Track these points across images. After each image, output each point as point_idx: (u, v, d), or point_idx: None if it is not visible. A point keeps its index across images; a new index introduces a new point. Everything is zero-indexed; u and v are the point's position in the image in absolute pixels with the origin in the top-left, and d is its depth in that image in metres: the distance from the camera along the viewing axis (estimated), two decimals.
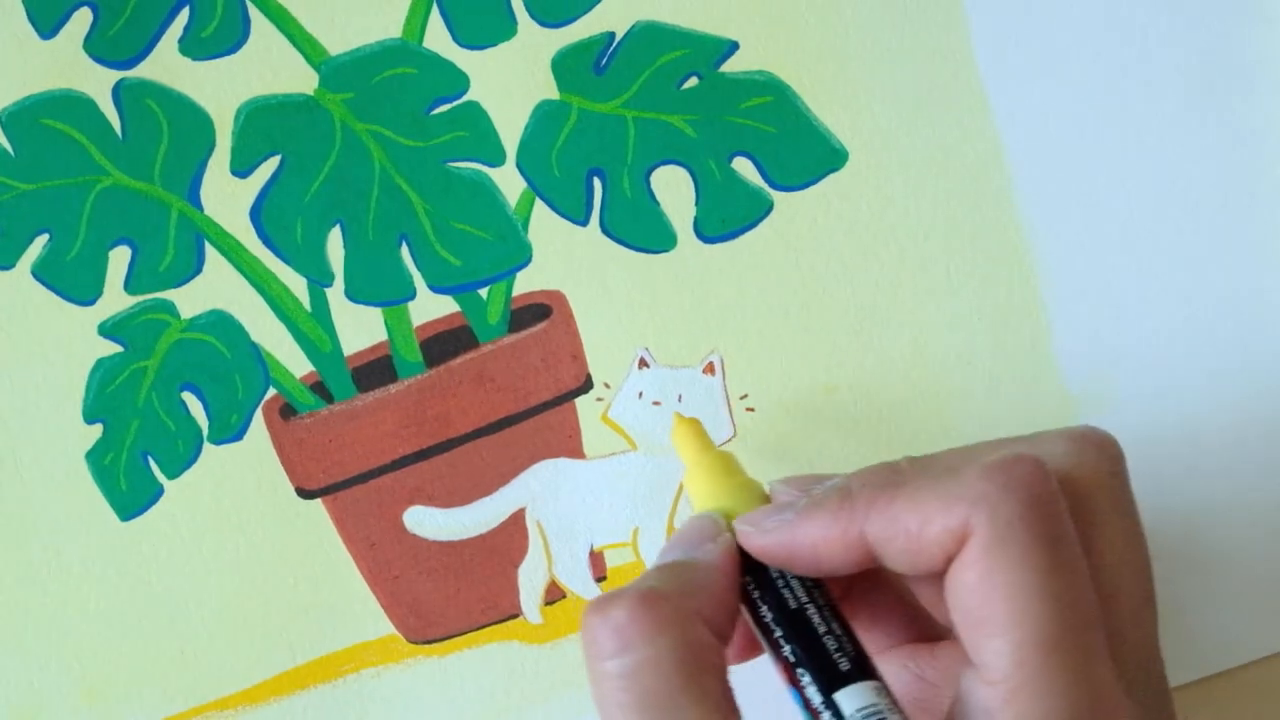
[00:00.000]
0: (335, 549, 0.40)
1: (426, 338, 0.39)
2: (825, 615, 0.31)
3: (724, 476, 0.35)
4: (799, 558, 0.31)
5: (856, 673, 0.30)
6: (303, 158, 0.38)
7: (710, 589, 0.31)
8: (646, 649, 0.29)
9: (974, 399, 0.40)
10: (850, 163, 0.39)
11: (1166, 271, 0.40)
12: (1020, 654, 0.28)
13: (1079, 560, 0.29)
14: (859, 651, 0.31)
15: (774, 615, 0.31)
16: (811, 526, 0.31)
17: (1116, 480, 0.32)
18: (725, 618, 0.31)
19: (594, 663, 0.29)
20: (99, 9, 0.38)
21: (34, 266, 0.38)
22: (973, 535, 0.29)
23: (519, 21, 0.39)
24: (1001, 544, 0.29)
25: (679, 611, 0.29)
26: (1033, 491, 0.29)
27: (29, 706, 0.39)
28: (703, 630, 0.30)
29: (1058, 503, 0.29)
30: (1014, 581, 0.28)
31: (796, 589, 0.31)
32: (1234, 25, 0.40)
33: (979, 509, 0.29)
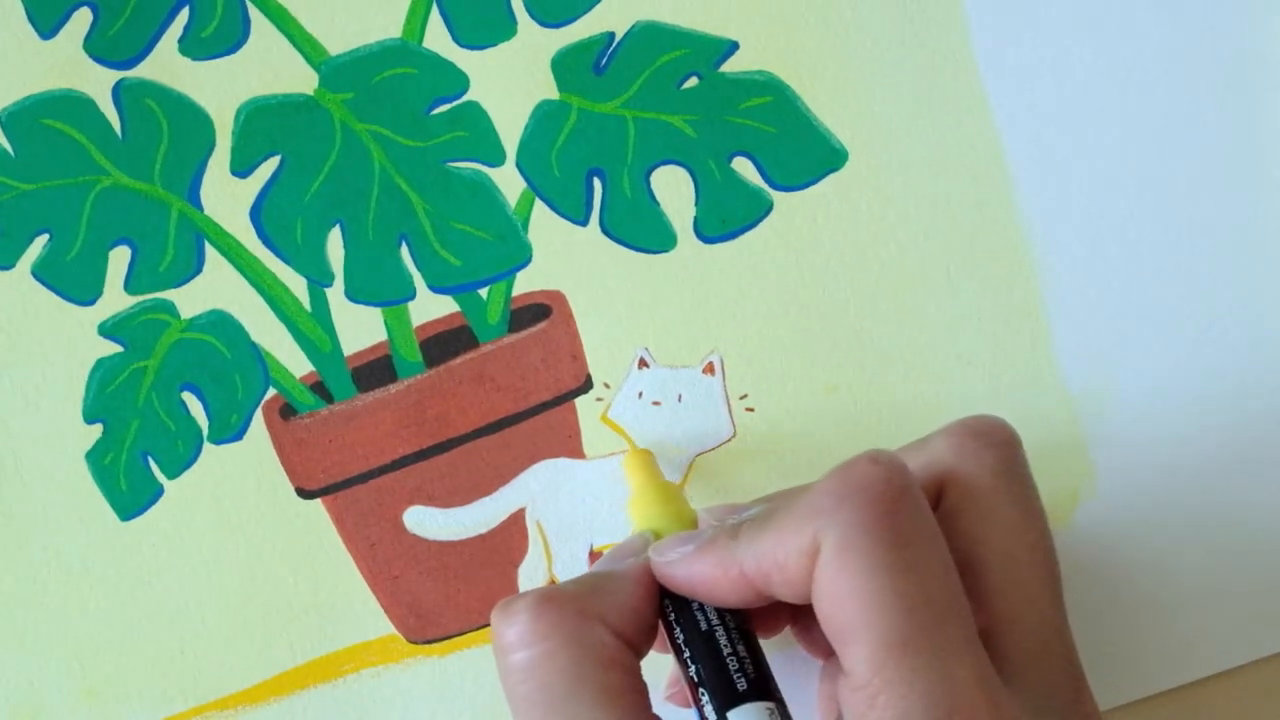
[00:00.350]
0: (335, 549, 0.40)
1: (426, 338, 0.39)
2: (733, 638, 0.32)
3: (662, 503, 0.36)
4: (697, 590, 0.32)
5: (752, 693, 0.31)
6: (303, 158, 0.38)
7: (618, 596, 0.32)
8: (543, 644, 0.31)
9: (974, 399, 0.40)
10: (850, 163, 0.39)
11: (1166, 271, 0.40)
12: (875, 659, 0.28)
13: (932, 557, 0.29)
14: (760, 674, 0.32)
15: (684, 636, 0.32)
16: (700, 565, 0.32)
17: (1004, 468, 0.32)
18: (633, 625, 0.32)
19: (499, 657, 0.31)
20: (99, 9, 0.38)
21: (34, 266, 0.38)
22: (821, 549, 0.29)
23: (519, 21, 0.39)
24: (845, 552, 0.29)
25: (578, 613, 0.31)
26: (870, 494, 0.29)
27: (29, 706, 0.39)
28: (602, 632, 0.31)
29: (901, 501, 0.30)
30: (861, 586, 0.29)
31: (709, 611, 0.33)
32: (1234, 25, 0.40)
33: (822, 521, 0.29)
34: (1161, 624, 0.40)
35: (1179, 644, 0.40)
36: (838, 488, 0.30)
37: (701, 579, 0.32)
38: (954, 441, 0.33)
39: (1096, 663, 0.40)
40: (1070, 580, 0.40)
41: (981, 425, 0.33)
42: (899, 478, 0.30)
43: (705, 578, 0.32)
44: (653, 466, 0.39)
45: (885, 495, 0.30)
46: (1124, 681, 0.40)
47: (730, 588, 0.32)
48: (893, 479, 0.30)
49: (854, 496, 0.29)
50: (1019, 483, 0.32)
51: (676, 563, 0.33)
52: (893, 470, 0.30)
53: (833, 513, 0.29)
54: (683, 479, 0.40)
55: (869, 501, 0.29)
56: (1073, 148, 0.40)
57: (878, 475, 0.30)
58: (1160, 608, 0.40)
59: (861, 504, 0.29)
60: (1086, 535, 0.40)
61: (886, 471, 0.30)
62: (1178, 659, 0.40)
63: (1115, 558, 0.40)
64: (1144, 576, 0.40)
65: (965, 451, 0.32)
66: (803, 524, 0.30)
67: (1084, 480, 0.40)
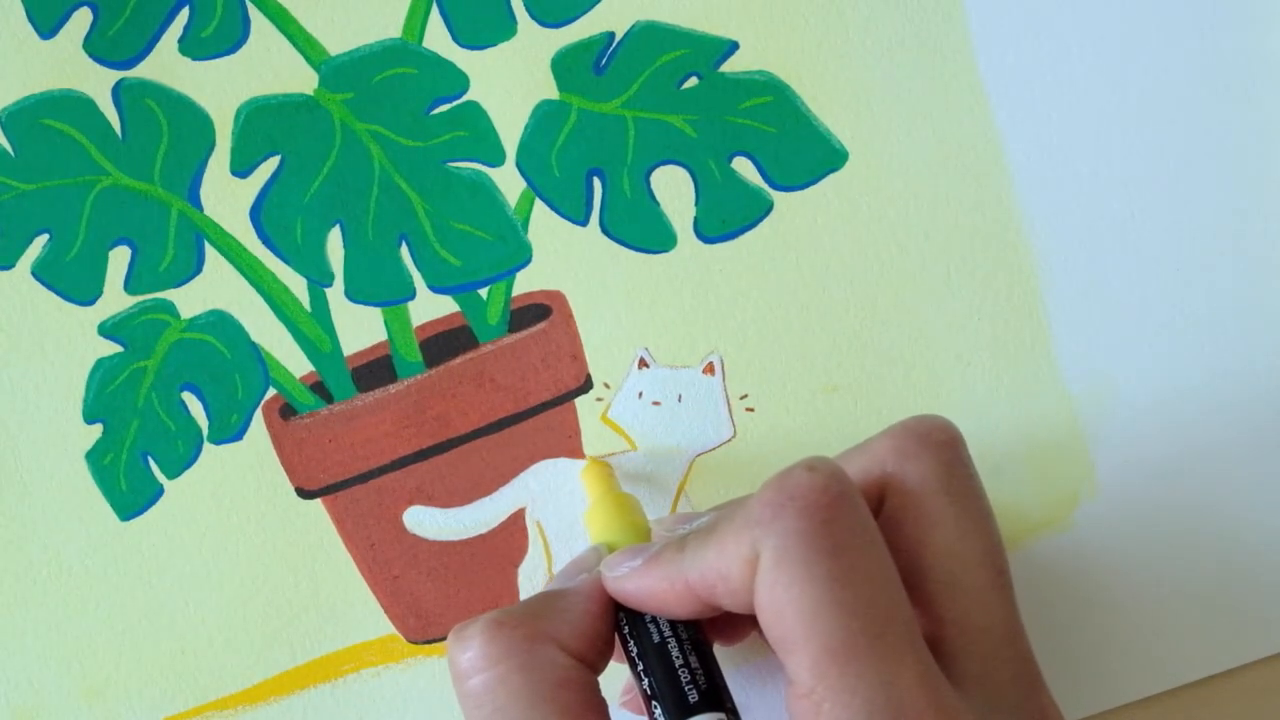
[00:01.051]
0: (335, 549, 0.40)
1: (426, 338, 0.39)
2: (685, 649, 0.32)
3: (618, 515, 0.37)
4: (647, 604, 0.33)
5: (703, 704, 0.31)
6: (303, 158, 0.38)
7: (570, 615, 0.32)
8: (496, 669, 0.31)
9: (974, 399, 0.40)
10: (850, 163, 0.39)
11: (1166, 271, 0.40)
12: (818, 667, 0.28)
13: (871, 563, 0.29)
14: (713, 684, 0.32)
15: (638, 649, 0.33)
16: (648, 579, 0.32)
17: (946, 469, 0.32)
18: (587, 642, 0.32)
19: (455, 683, 0.32)
20: (99, 9, 0.38)
21: (34, 266, 0.38)
22: (760, 559, 0.29)
23: (519, 21, 0.39)
24: (782, 561, 0.29)
25: (530, 635, 0.31)
26: (806, 503, 0.29)
27: (29, 706, 0.39)
28: (555, 652, 0.31)
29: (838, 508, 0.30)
30: (798, 596, 0.29)
31: (662, 624, 0.33)
32: (1235, 25, 0.40)
33: (759, 531, 0.29)
34: (1161, 624, 0.40)
35: (1179, 644, 0.40)
36: (774, 497, 0.30)
37: (650, 593, 0.32)
38: (894, 444, 0.33)
39: (1096, 663, 0.40)
40: (1070, 581, 0.40)
41: (922, 426, 0.33)
42: (835, 484, 0.30)
43: (654, 591, 0.32)
44: (609, 477, 0.39)
45: (821, 503, 0.29)
46: (1124, 682, 0.40)
47: (678, 600, 0.32)
48: (829, 486, 0.30)
49: (789, 505, 0.29)
50: (961, 483, 0.32)
51: (626, 577, 0.33)
52: (829, 477, 0.30)
53: (769, 523, 0.29)
54: (682, 479, 0.40)
55: (804, 510, 0.29)
56: (1073, 148, 0.40)
57: (813, 483, 0.30)
58: (1160, 608, 0.40)
59: (797, 513, 0.29)
60: (1086, 536, 0.40)
61: (823, 479, 0.30)
62: (1177, 659, 0.40)
63: (1115, 558, 0.40)
64: (1144, 576, 0.40)
65: (905, 453, 0.32)
66: (741, 534, 0.30)
67: (1084, 480, 0.40)
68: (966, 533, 0.32)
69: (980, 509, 0.32)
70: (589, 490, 0.39)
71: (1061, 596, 0.40)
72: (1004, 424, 0.40)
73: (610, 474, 0.39)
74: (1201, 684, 0.41)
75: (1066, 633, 0.40)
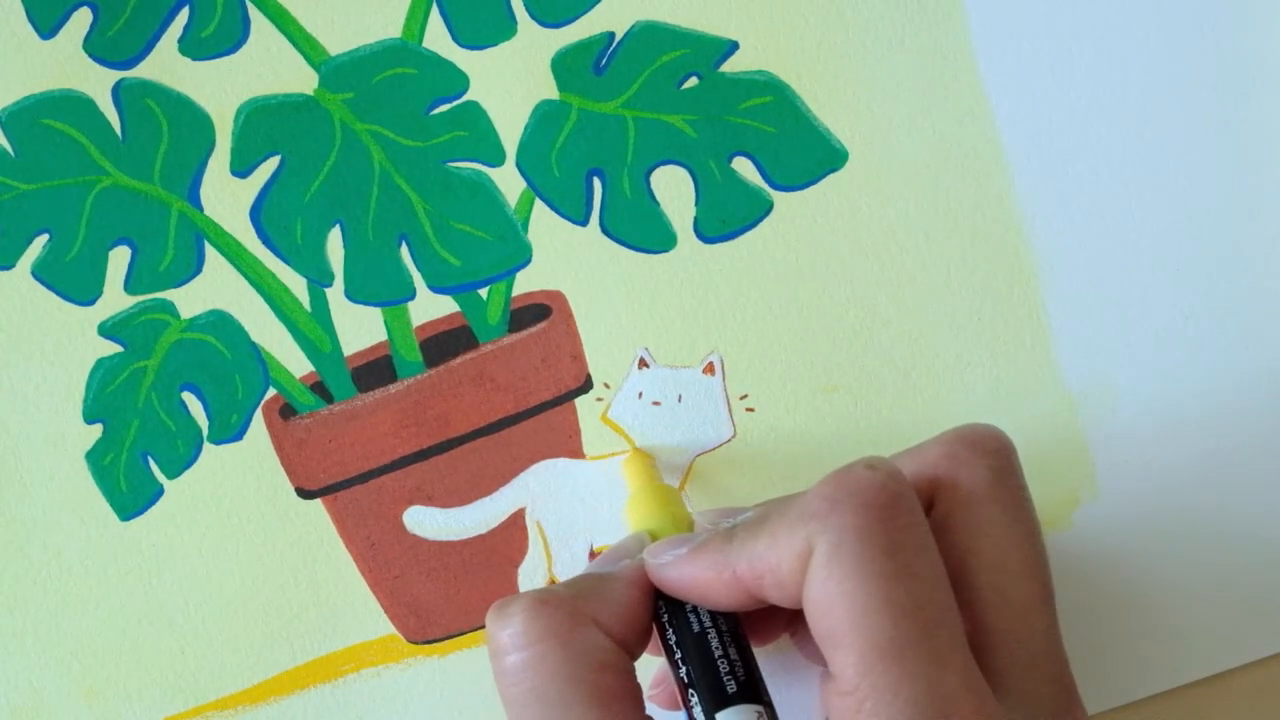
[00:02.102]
0: (335, 549, 0.40)
1: (426, 338, 0.39)
2: (724, 640, 0.32)
3: (660, 505, 0.37)
4: (691, 593, 0.33)
5: (741, 695, 0.31)
6: (303, 158, 0.38)
7: (612, 599, 0.32)
8: (536, 647, 0.31)
9: (974, 399, 0.40)
10: (850, 163, 0.39)
11: (1167, 272, 0.40)
12: (864, 664, 0.28)
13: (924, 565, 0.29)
14: (750, 676, 0.32)
15: (677, 637, 0.33)
16: (693, 568, 0.32)
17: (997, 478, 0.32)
18: (627, 627, 0.32)
19: (493, 659, 0.32)
20: (99, 9, 0.38)
21: (34, 266, 0.38)
22: (813, 553, 0.29)
23: (519, 21, 0.39)
24: (837, 556, 0.29)
25: (571, 615, 0.31)
26: (864, 500, 0.29)
27: (29, 706, 0.39)
28: (596, 634, 0.31)
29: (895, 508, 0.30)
30: (850, 591, 0.29)
31: (702, 614, 0.33)
32: (1234, 25, 0.40)
33: (815, 525, 0.30)
34: (1161, 625, 0.40)
35: (1179, 645, 0.40)
36: (832, 492, 0.30)
37: (694, 581, 0.32)
38: (947, 450, 0.33)
39: (1096, 663, 0.40)
40: (1070, 581, 0.40)
41: (975, 434, 0.33)
42: (894, 484, 0.30)
43: (699, 580, 0.32)
44: (652, 469, 0.39)
45: (879, 501, 0.30)
46: (1124, 682, 0.40)
47: (723, 590, 0.32)
48: (888, 485, 0.30)
49: (848, 501, 0.30)
50: (1011, 493, 0.32)
51: (671, 565, 0.33)
52: (888, 477, 0.30)
53: (826, 517, 0.29)
54: (683, 479, 0.40)
55: (863, 507, 0.29)
56: (1073, 148, 0.40)
57: (873, 481, 0.30)
58: (1160, 608, 0.40)
59: (855, 509, 0.29)
60: (1086, 536, 0.40)
61: (882, 478, 0.30)
62: (1177, 660, 0.40)
63: (1115, 559, 0.40)
64: (1144, 577, 0.40)
65: (958, 460, 0.32)
66: (796, 527, 0.30)
67: (1084, 481, 0.40)
68: (1014, 543, 0.32)
69: (1029, 520, 0.32)
70: (631, 480, 0.38)
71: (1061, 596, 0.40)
72: (1004, 424, 0.40)
73: (653, 465, 0.39)
74: (1201, 684, 0.41)
75: (1066, 633, 0.40)
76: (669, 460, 0.40)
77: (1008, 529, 0.32)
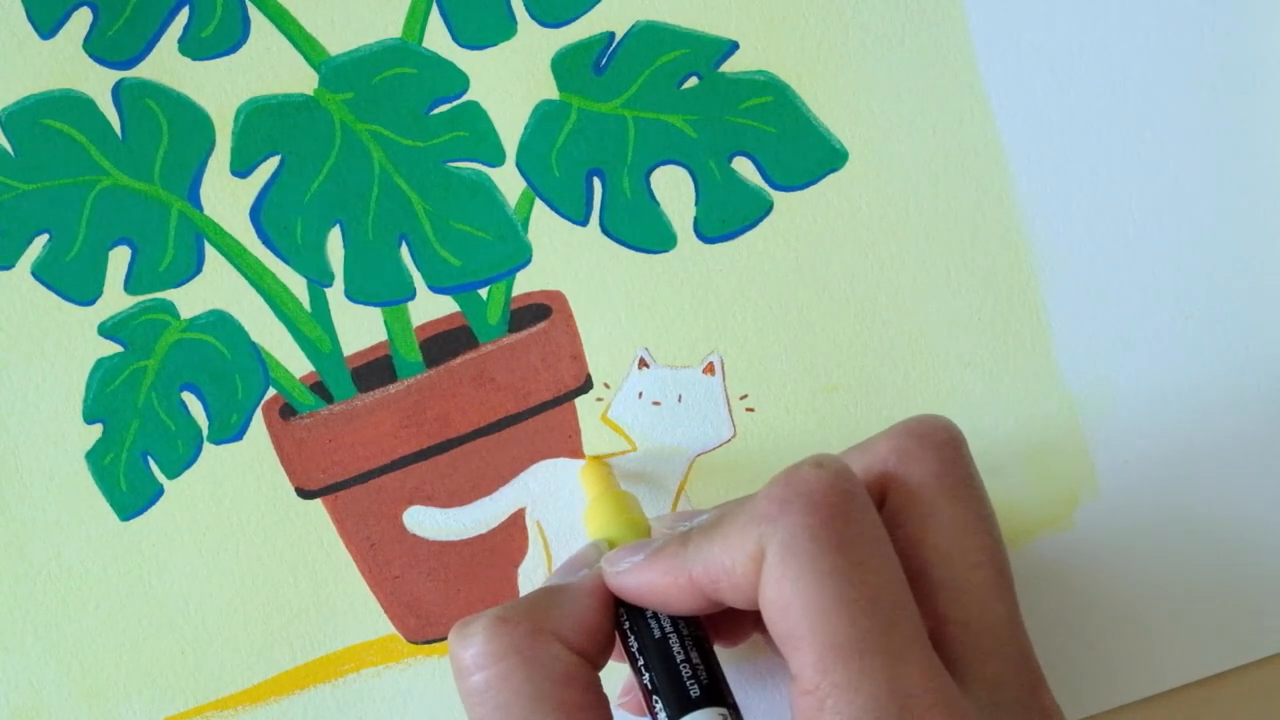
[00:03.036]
0: (335, 549, 0.40)
1: (426, 338, 0.39)
2: (686, 645, 0.32)
3: (618, 512, 0.37)
4: (649, 599, 0.33)
5: (705, 699, 0.31)
6: (303, 158, 0.38)
7: (572, 611, 0.32)
8: (498, 666, 0.31)
9: (974, 399, 0.40)
10: (850, 163, 0.39)
11: (1167, 272, 0.40)
12: (823, 663, 0.28)
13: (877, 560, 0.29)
14: (714, 679, 0.32)
15: (638, 644, 0.33)
16: (650, 574, 0.32)
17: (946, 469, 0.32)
18: (589, 638, 0.32)
19: (458, 680, 0.32)
20: (99, 9, 0.38)
21: (34, 266, 0.38)
22: (766, 554, 0.29)
23: (519, 21, 0.39)
24: (788, 557, 0.29)
25: (532, 632, 0.31)
26: (813, 499, 0.29)
27: (29, 706, 0.39)
28: (558, 648, 0.32)
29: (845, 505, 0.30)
30: (804, 591, 0.29)
31: (663, 619, 0.33)
32: (1235, 24, 0.40)
33: (765, 527, 0.30)
34: (1162, 624, 0.40)
35: (1179, 644, 0.40)
36: (781, 493, 0.30)
37: (652, 587, 0.32)
38: (894, 444, 0.33)
39: (1096, 663, 0.40)
40: (1070, 580, 0.40)
41: (922, 426, 0.33)
42: (842, 482, 0.30)
43: (656, 586, 0.32)
44: (608, 476, 0.39)
45: (828, 500, 0.30)
46: (1124, 682, 0.40)
47: (680, 595, 0.32)
48: (836, 483, 0.30)
49: (796, 501, 0.29)
50: (961, 483, 0.32)
51: (628, 572, 0.33)
52: (836, 475, 0.30)
53: (776, 518, 0.29)
54: (682, 479, 0.40)
55: (812, 506, 0.29)
56: (1073, 148, 0.40)
57: (821, 479, 0.30)
58: (1160, 608, 0.40)
59: (804, 509, 0.29)
60: (1087, 536, 0.40)
61: (830, 476, 0.30)
62: (1178, 659, 0.40)
63: (1115, 558, 0.40)
64: (1144, 577, 0.40)
65: (905, 453, 0.32)
66: (748, 529, 0.30)
67: (1084, 480, 0.40)
68: (967, 532, 0.32)
69: (980, 509, 0.32)
70: (588, 488, 0.39)
71: (1061, 596, 0.40)
72: (1004, 424, 0.40)
73: (609, 472, 0.39)
74: (1201, 684, 0.41)
75: (1066, 633, 0.40)
76: (669, 460, 0.40)
77: (960, 519, 0.32)
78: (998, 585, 0.32)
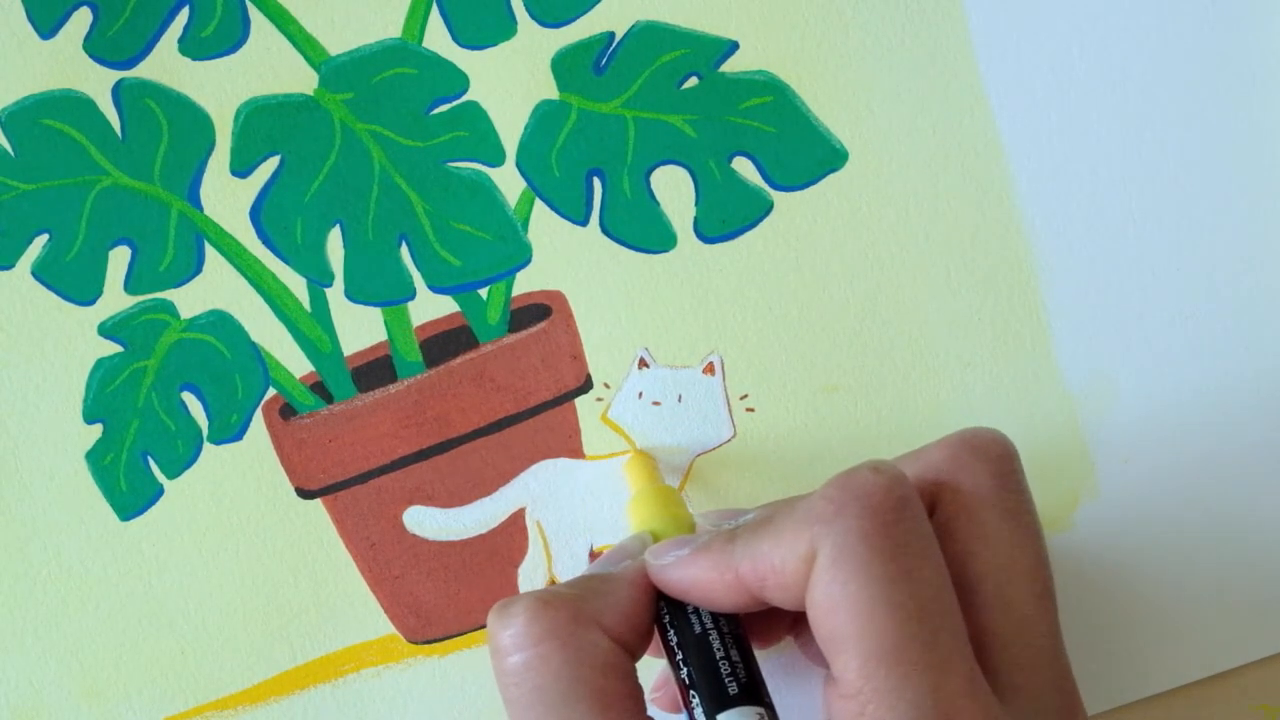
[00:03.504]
0: (335, 549, 0.40)
1: (426, 338, 0.39)
2: (726, 642, 0.32)
3: (662, 506, 0.36)
4: (692, 594, 0.33)
5: (743, 697, 0.31)
6: (303, 158, 0.38)
7: (614, 599, 0.32)
8: (538, 648, 0.31)
9: (974, 399, 0.40)
10: (850, 163, 0.39)
11: (1167, 272, 0.40)
12: (867, 667, 0.28)
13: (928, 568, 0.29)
14: (752, 678, 0.32)
15: (678, 639, 0.33)
16: (695, 569, 0.32)
17: (999, 482, 0.32)
18: (629, 627, 0.32)
19: (495, 659, 0.32)
20: (99, 9, 0.38)
21: (34, 266, 0.38)
22: (817, 555, 0.29)
23: (519, 21, 0.39)
24: (841, 559, 0.29)
25: (574, 617, 0.31)
26: (869, 503, 0.30)
27: (29, 706, 0.39)
28: (598, 635, 0.31)
29: (900, 511, 0.30)
30: (854, 594, 0.29)
31: (704, 615, 0.33)
32: (1234, 24, 0.40)
33: (820, 528, 0.30)
34: (1161, 625, 0.40)
35: (1179, 645, 0.40)
36: (837, 495, 0.30)
37: (696, 582, 0.32)
38: (949, 453, 0.33)
39: (1097, 664, 0.40)
40: (1071, 581, 0.40)
41: (979, 438, 0.33)
42: (899, 488, 0.30)
43: (700, 581, 0.32)
44: (654, 470, 0.39)
45: (884, 505, 0.30)
46: (1125, 682, 0.40)
47: (725, 591, 0.32)
48: (893, 489, 0.30)
49: (853, 504, 0.30)
50: (1014, 497, 0.32)
51: (672, 565, 0.33)
52: (893, 480, 0.30)
53: (831, 520, 0.29)
54: (683, 479, 0.40)
55: (868, 510, 0.29)
56: (1073, 148, 0.40)
57: (878, 484, 0.30)
58: (1160, 608, 0.40)
59: (860, 512, 0.29)
60: (1087, 536, 0.40)
61: (887, 481, 0.30)
62: (1177, 660, 0.40)
63: (1116, 558, 0.40)
64: (1144, 577, 0.40)
65: (960, 464, 0.32)
66: (800, 529, 0.30)
67: (1084, 481, 0.40)
68: (1017, 547, 0.32)
69: (1031, 525, 0.32)
70: (633, 481, 0.38)
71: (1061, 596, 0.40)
72: (1004, 424, 0.40)
73: (654, 466, 0.39)
74: (1201, 684, 0.41)
75: (1067, 633, 0.40)
76: (669, 460, 0.40)
77: (1010, 533, 0.32)
78: (1043, 603, 0.32)
